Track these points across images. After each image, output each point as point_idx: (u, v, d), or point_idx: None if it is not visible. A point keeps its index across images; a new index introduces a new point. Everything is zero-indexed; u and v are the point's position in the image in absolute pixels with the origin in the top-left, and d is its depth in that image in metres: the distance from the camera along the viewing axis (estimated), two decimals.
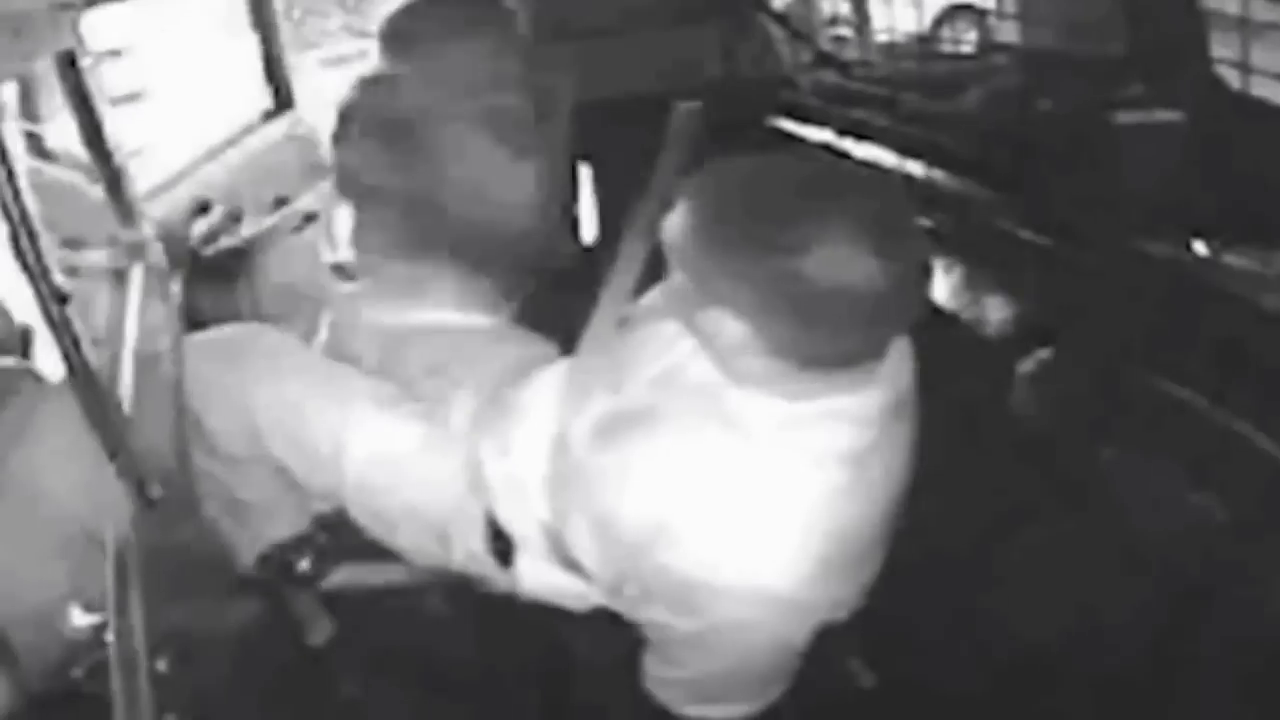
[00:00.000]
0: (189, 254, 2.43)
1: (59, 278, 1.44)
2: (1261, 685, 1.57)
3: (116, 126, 2.00)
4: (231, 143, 3.09)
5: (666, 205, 1.51)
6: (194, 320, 2.22)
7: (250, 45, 3.28)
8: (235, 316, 2.52)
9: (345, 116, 2.39)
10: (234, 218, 2.70)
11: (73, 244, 1.94)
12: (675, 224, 1.46)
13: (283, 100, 3.38)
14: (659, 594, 1.60)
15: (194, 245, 2.48)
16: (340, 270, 2.46)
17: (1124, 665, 1.74)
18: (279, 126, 3.24)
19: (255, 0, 3.27)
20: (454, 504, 1.94)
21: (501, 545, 1.90)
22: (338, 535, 2.13)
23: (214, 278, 2.57)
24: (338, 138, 2.39)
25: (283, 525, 2.17)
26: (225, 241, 2.65)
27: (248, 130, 3.21)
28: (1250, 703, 1.58)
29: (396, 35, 2.38)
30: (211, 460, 2.07)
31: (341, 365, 2.15)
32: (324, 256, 2.49)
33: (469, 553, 1.95)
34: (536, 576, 1.88)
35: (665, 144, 2.70)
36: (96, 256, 1.95)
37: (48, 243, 1.43)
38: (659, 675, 1.70)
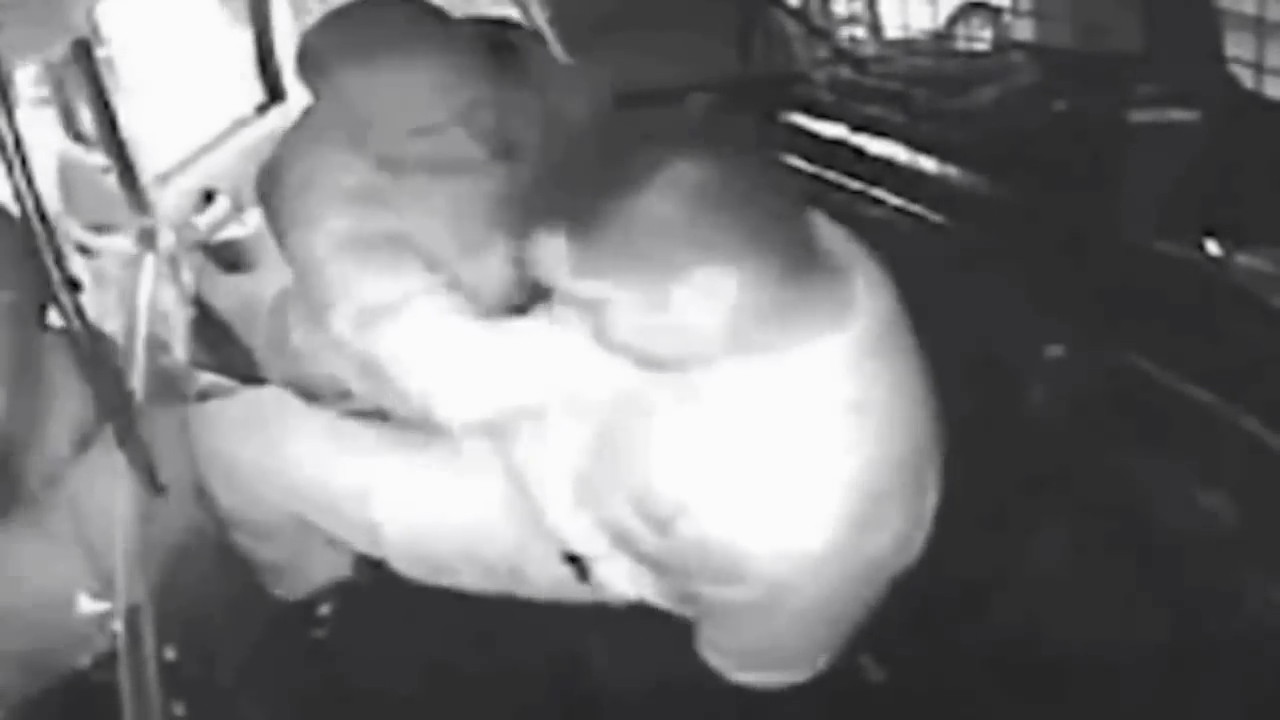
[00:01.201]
0: (198, 243, 2.44)
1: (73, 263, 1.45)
2: (1271, 684, 1.58)
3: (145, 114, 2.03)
4: (230, 134, 3.10)
5: None
6: (202, 308, 2.24)
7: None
8: (241, 307, 2.52)
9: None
10: (237, 208, 2.72)
11: (99, 228, 1.95)
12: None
13: (275, 93, 3.38)
14: (699, 567, 1.58)
15: (202, 234, 2.49)
16: None
17: (1135, 663, 1.75)
18: (275, 118, 3.24)
19: None
20: (515, 537, 1.87)
21: (577, 560, 1.85)
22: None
23: (221, 266, 2.58)
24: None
25: (320, 574, 2.16)
26: (231, 231, 2.68)
27: (244, 122, 3.22)
28: (1259, 701, 1.58)
29: (309, 59, 1.96)
30: (239, 533, 2.06)
31: (348, 420, 2.08)
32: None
33: (554, 580, 1.87)
34: (620, 579, 1.82)
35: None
36: (120, 242, 1.97)
37: (65, 227, 1.44)
38: (714, 641, 1.69)
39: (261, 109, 3.33)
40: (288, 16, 3.17)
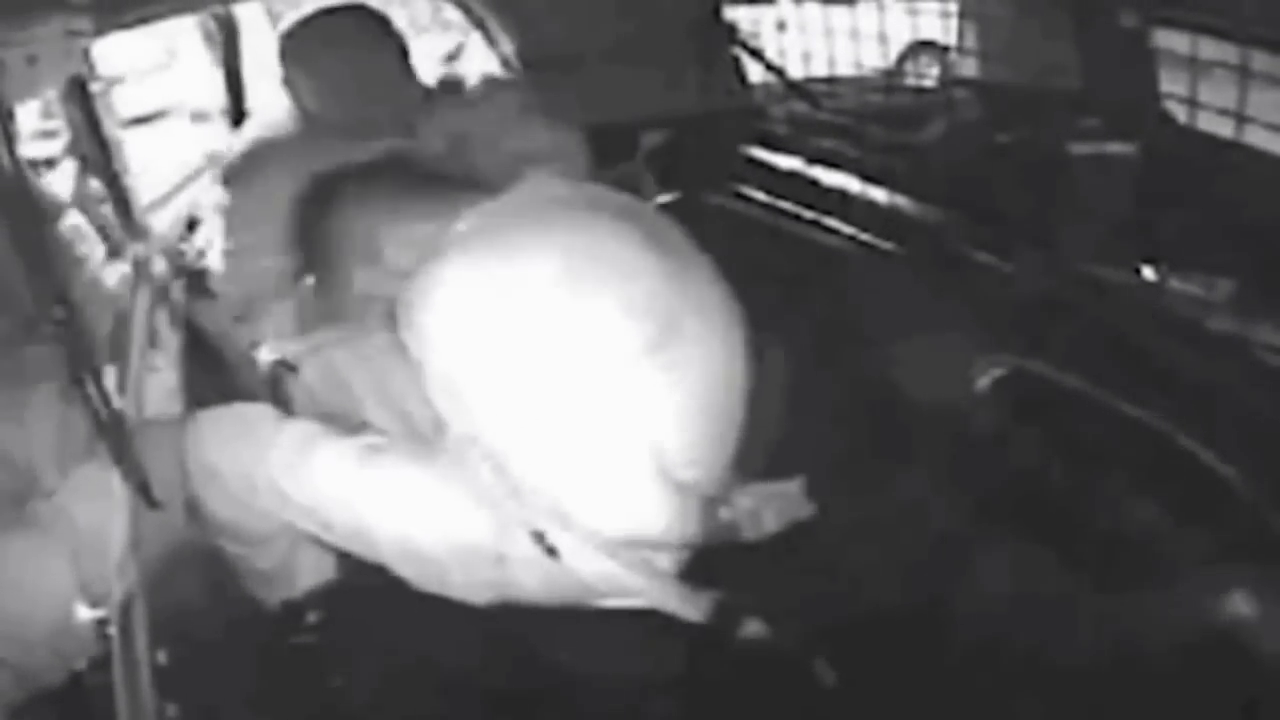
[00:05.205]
0: (185, 269, 2.48)
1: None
2: (1201, 680, 1.66)
3: (132, 146, 2.06)
4: (209, 166, 3.13)
5: None
6: (193, 331, 2.27)
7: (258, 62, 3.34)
8: (227, 329, 2.55)
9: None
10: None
11: (112, 253, 2.00)
12: None
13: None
14: None
15: (189, 260, 2.52)
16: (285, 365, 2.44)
17: (1080, 669, 1.81)
18: None
19: (227, 29, 3.34)
20: (495, 523, 1.87)
21: (547, 542, 1.84)
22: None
23: (206, 291, 2.61)
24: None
25: (307, 578, 2.19)
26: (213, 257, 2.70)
27: (221, 154, 3.26)
28: (1195, 690, 1.66)
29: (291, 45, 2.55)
30: (230, 542, 2.10)
31: (317, 425, 2.10)
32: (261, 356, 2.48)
33: (538, 567, 1.87)
34: (587, 563, 1.84)
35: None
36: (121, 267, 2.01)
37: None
38: None
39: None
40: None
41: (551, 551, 1.83)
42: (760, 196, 2.81)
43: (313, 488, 1.97)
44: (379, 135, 2.44)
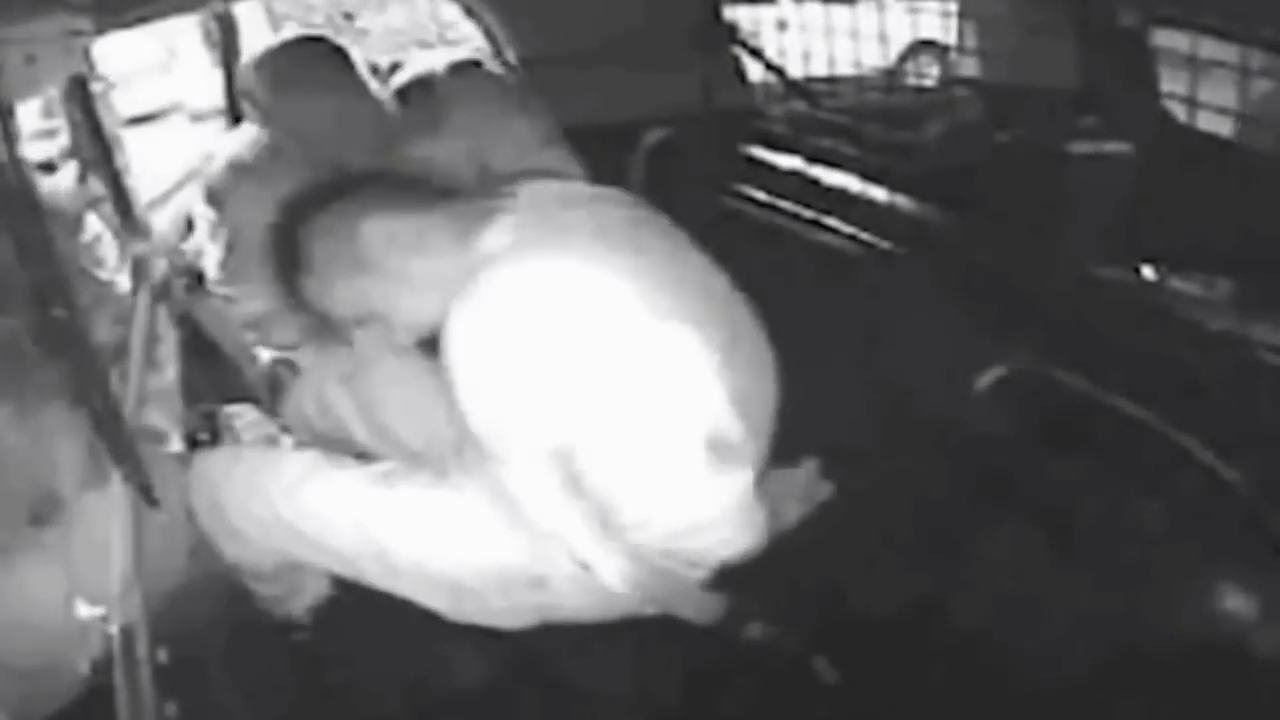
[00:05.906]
0: (185, 268, 2.48)
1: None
2: (1199, 680, 1.66)
3: (132, 146, 2.07)
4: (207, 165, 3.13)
5: None
6: (193, 328, 2.28)
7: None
8: (225, 326, 2.56)
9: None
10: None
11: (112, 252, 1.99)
12: None
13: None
14: None
15: (189, 260, 2.53)
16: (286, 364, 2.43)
17: (1079, 665, 1.80)
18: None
19: (226, 28, 3.34)
20: (526, 543, 1.85)
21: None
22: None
23: (204, 290, 2.61)
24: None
25: (308, 596, 2.20)
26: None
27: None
28: (1190, 695, 1.66)
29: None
30: (243, 577, 2.11)
31: (335, 460, 2.10)
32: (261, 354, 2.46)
33: (579, 586, 1.85)
34: (615, 571, 1.79)
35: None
36: (120, 267, 2.01)
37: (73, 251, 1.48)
38: None
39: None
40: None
41: (585, 566, 1.80)
42: (760, 196, 2.81)
43: (328, 529, 1.97)
44: (347, 159, 2.44)
